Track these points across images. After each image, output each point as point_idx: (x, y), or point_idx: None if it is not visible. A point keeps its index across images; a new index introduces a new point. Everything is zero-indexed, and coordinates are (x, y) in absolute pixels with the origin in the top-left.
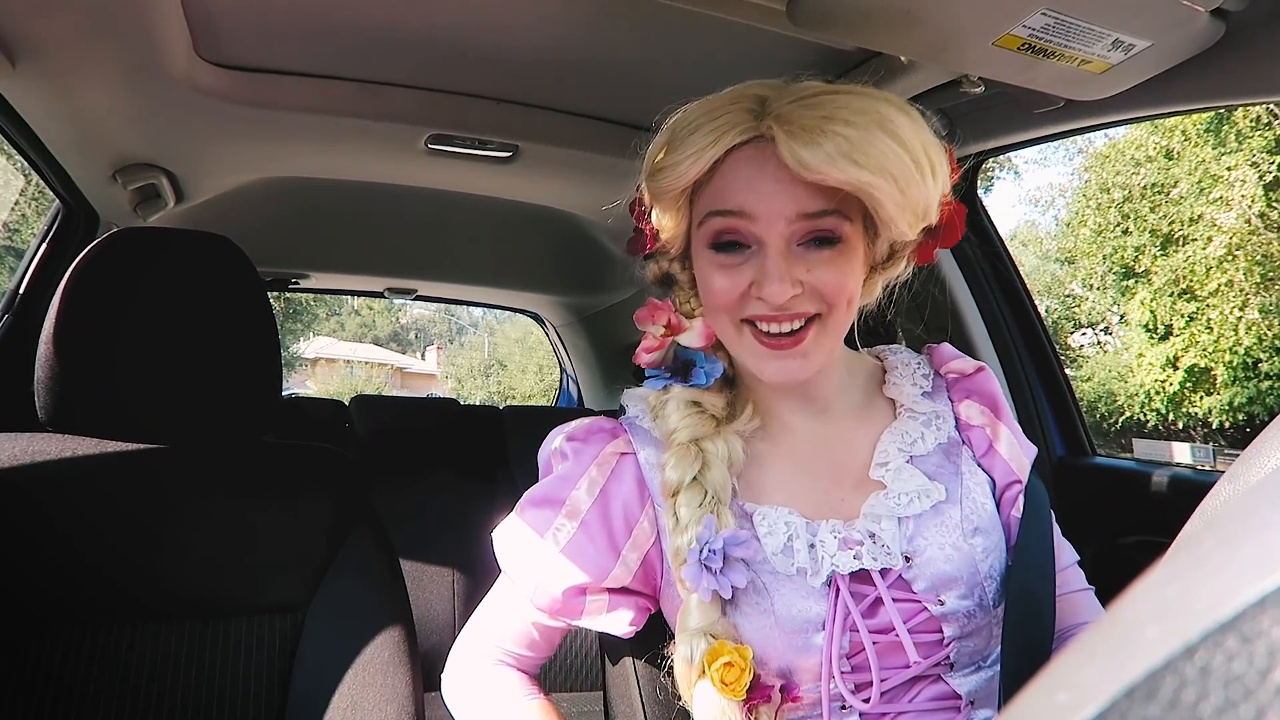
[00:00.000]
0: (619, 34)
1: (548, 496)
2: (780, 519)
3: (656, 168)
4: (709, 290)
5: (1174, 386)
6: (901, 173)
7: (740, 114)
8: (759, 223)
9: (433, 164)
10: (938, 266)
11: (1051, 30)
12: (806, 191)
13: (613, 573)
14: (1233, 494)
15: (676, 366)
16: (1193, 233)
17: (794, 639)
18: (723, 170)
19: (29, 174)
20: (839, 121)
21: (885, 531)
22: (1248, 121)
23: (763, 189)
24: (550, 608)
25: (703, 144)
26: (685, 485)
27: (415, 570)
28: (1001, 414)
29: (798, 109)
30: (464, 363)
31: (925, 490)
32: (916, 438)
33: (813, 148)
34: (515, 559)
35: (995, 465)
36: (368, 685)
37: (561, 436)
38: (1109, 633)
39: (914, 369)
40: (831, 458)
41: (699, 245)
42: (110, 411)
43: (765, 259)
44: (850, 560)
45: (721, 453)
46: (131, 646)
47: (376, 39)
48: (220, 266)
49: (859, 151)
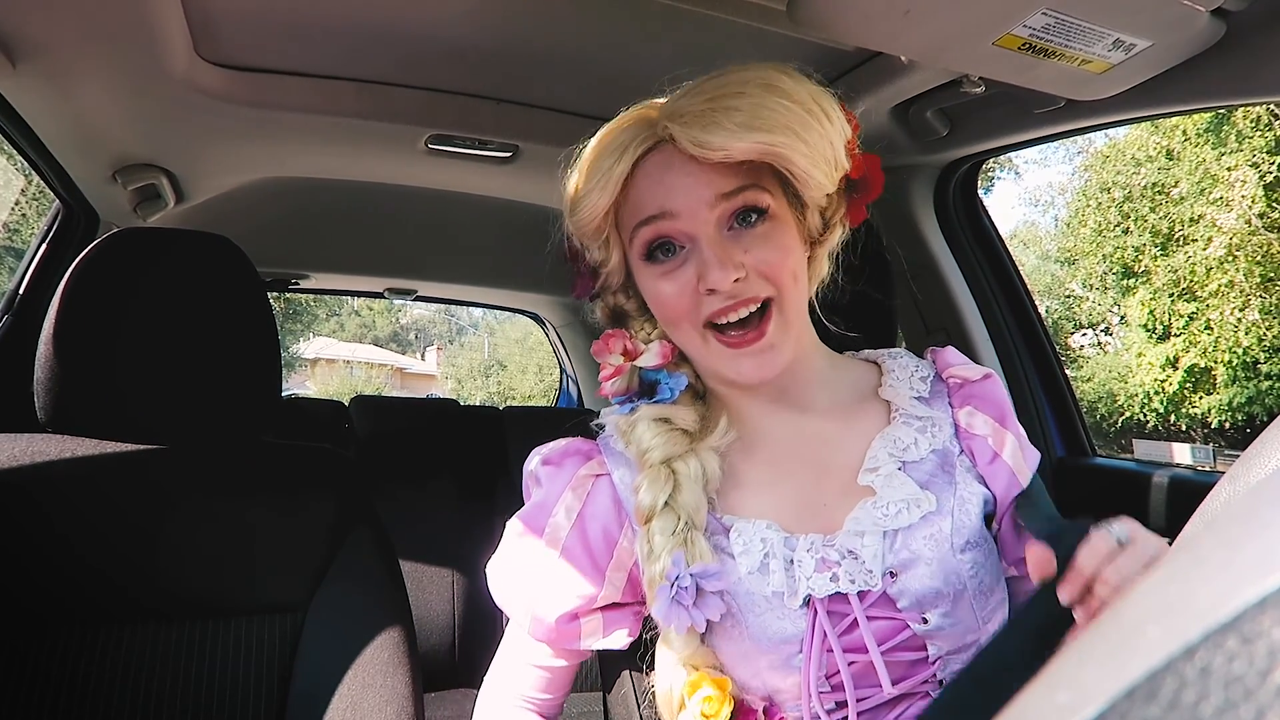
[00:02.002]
0: (619, 34)
1: (529, 526)
2: (757, 535)
3: (574, 203)
4: (660, 302)
5: (1173, 386)
6: (799, 123)
7: (637, 127)
8: (682, 218)
9: (433, 164)
10: (938, 266)
11: (1052, 30)
12: (718, 173)
13: (601, 594)
14: (1233, 494)
15: (642, 389)
16: (1193, 233)
17: (773, 660)
18: (635, 183)
19: (29, 174)
20: (727, 98)
21: (867, 548)
22: (1248, 122)
23: (676, 184)
24: (549, 638)
25: (609, 164)
26: (659, 511)
27: (415, 571)
28: (1008, 423)
29: (685, 101)
30: (464, 363)
31: (915, 499)
32: (909, 443)
33: (710, 128)
34: (507, 593)
35: (1000, 475)
36: (368, 686)
37: (538, 459)
38: (1109, 633)
39: (912, 372)
40: (815, 459)
41: (637, 263)
42: (110, 412)
43: (701, 251)
44: (826, 583)
45: (695, 471)
46: (131, 647)
47: (376, 39)
48: (220, 267)
49: (754, 118)
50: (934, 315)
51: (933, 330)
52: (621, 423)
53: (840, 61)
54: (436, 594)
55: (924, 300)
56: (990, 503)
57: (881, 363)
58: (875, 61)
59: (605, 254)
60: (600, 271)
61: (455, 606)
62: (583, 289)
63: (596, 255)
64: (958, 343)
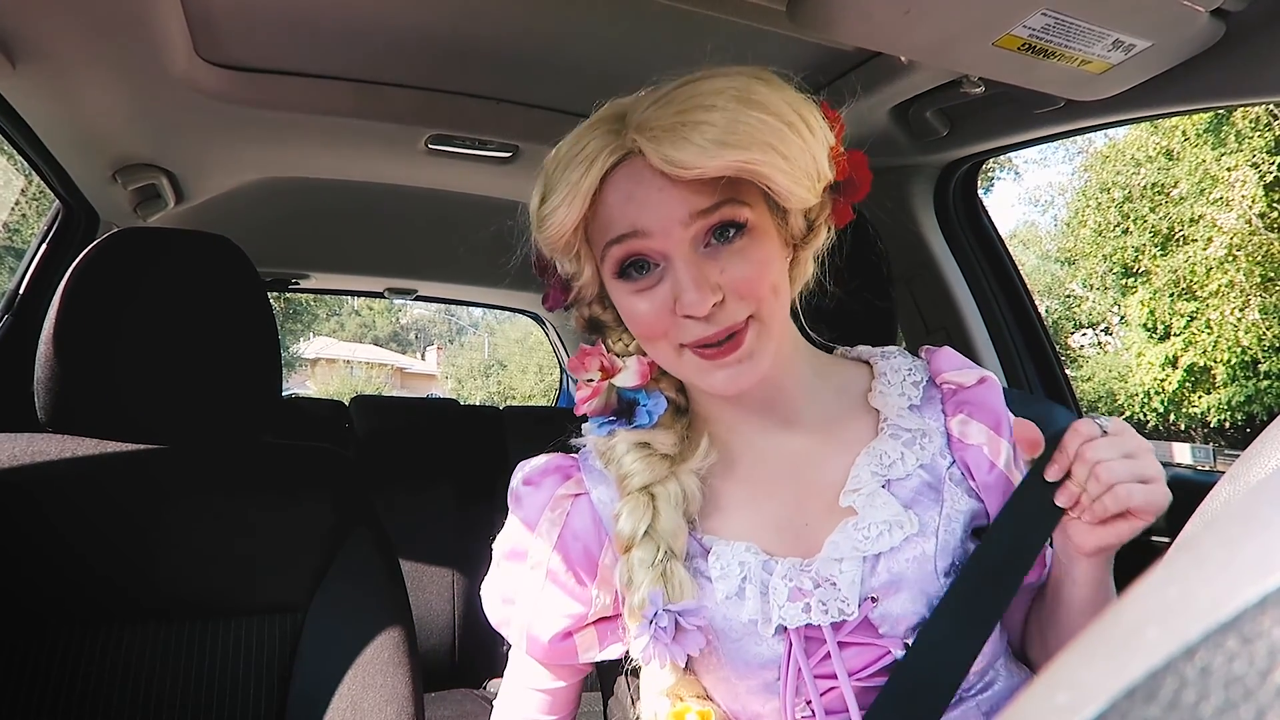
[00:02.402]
0: (619, 34)
1: (513, 548)
2: (736, 558)
3: (541, 219)
4: (635, 321)
5: (1173, 386)
6: (777, 139)
7: (603, 137)
8: (655, 237)
9: (433, 164)
10: (938, 266)
11: (1051, 30)
12: (692, 190)
13: (590, 610)
14: (1233, 494)
15: (620, 408)
16: (1193, 233)
17: (752, 685)
18: (604, 197)
19: (29, 174)
20: (698, 110)
21: (845, 575)
22: (1247, 122)
23: (648, 201)
24: (546, 657)
25: (575, 179)
26: (639, 541)
27: (415, 571)
28: (1003, 430)
29: (654, 112)
30: (464, 363)
31: (898, 521)
32: (896, 459)
33: (680, 145)
34: (500, 616)
35: (996, 487)
36: (368, 685)
37: (520, 477)
38: (1109, 633)
39: (904, 377)
40: (798, 477)
41: (610, 280)
42: (110, 412)
43: (676, 270)
44: (799, 613)
45: (675, 496)
46: (131, 647)
47: (376, 39)
48: (220, 267)
49: (728, 133)
50: (934, 315)
51: (933, 330)
52: (600, 444)
53: (840, 61)
54: (436, 594)
55: (924, 300)
56: (981, 516)
57: (874, 364)
58: (875, 61)
59: (577, 267)
60: (573, 284)
61: (455, 606)
62: (555, 301)
63: (568, 268)
64: (957, 342)
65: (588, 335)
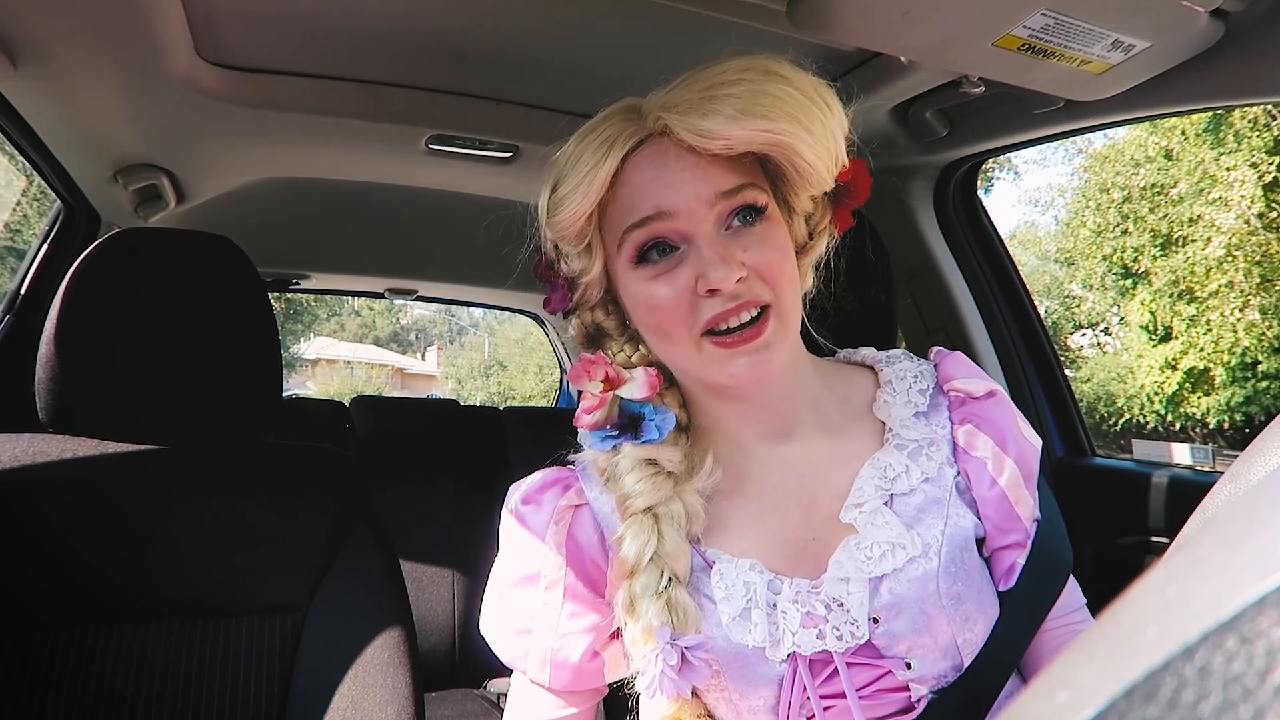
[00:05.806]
0: (619, 34)
1: (522, 575)
2: (740, 578)
3: (554, 205)
4: (654, 308)
5: (1173, 387)
6: (802, 111)
7: (620, 123)
8: (680, 217)
9: (433, 164)
10: (938, 266)
11: (1051, 30)
12: (719, 169)
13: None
14: (1232, 494)
15: (624, 422)
16: (1192, 233)
17: (754, 705)
18: (624, 181)
19: (30, 174)
20: (725, 85)
21: (852, 596)
22: (1246, 122)
23: (673, 180)
24: (573, 682)
25: (594, 162)
26: (644, 567)
27: (415, 571)
28: (1009, 448)
29: (679, 92)
30: (464, 363)
31: (900, 543)
32: (900, 472)
33: (710, 115)
34: (517, 649)
35: (994, 504)
36: (368, 686)
37: (517, 497)
38: (1109, 633)
39: (910, 383)
40: (802, 490)
41: (624, 270)
42: (110, 412)
43: (700, 250)
44: (813, 640)
45: (678, 516)
46: (131, 647)
47: (376, 39)
48: (221, 267)
49: (755, 104)
50: (934, 315)
51: (932, 330)
52: (601, 460)
53: (840, 62)
54: (437, 594)
55: (923, 300)
56: (980, 530)
57: (879, 370)
58: (875, 62)
59: (586, 262)
60: (578, 284)
61: (455, 606)
62: (558, 303)
63: (575, 265)
64: (957, 342)
65: (587, 347)
